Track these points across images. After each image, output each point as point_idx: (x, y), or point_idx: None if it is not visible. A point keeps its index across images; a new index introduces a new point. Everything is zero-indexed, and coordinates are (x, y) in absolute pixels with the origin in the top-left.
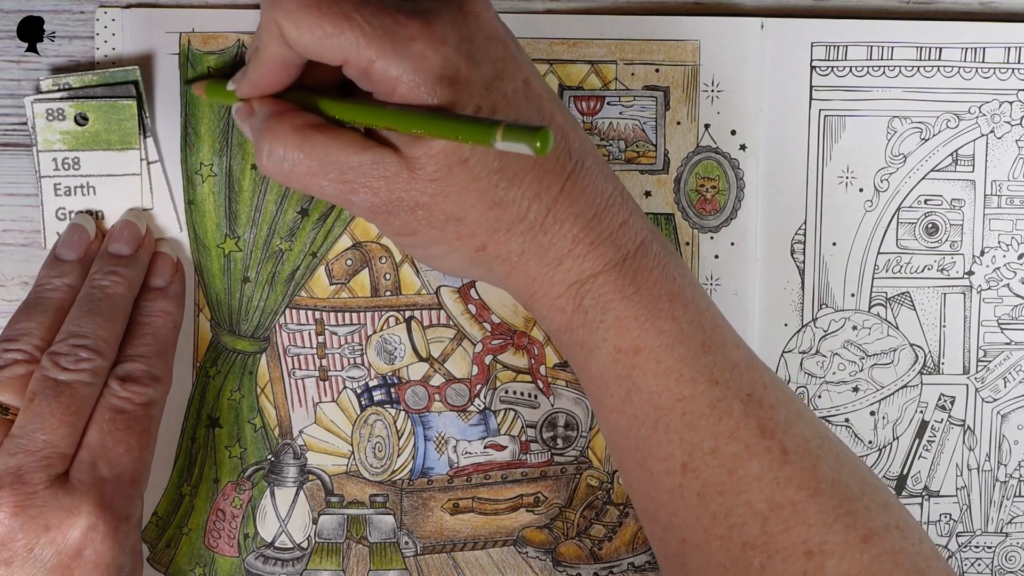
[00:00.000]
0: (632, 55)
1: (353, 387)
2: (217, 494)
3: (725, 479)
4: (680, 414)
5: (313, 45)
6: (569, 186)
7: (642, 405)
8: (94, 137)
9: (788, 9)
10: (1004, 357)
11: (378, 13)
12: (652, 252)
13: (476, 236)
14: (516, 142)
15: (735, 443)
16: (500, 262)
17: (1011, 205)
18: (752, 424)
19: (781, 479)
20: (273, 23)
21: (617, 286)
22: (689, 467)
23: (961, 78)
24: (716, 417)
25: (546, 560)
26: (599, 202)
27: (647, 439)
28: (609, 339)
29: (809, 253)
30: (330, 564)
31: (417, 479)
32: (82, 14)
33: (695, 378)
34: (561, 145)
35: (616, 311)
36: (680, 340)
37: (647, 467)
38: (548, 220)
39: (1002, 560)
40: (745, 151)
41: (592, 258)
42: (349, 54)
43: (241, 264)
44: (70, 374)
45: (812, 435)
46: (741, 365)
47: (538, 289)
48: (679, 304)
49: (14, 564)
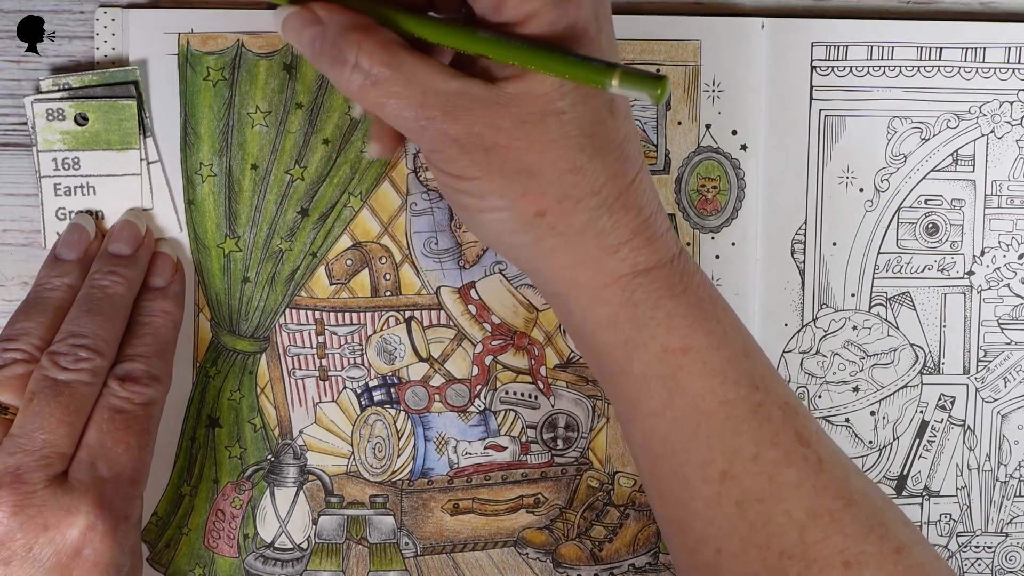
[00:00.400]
0: (632, 55)
1: (353, 387)
2: (217, 494)
3: (765, 486)
4: (724, 418)
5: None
6: (639, 179)
7: (684, 408)
8: (94, 137)
9: (788, 9)
10: (1004, 357)
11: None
12: (691, 257)
13: (543, 198)
14: (634, 88)
15: (776, 449)
16: (554, 234)
17: (1011, 205)
18: (791, 431)
19: (819, 487)
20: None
21: (668, 283)
22: (729, 474)
23: (961, 78)
24: (758, 422)
25: (546, 561)
26: (655, 204)
27: (686, 444)
28: (658, 336)
29: (809, 253)
30: (330, 565)
31: (417, 480)
32: (82, 14)
33: (739, 381)
34: (635, 142)
35: (667, 308)
36: (725, 342)
37: (683, 474)
38: (618, 204)
39: (1002, 560)
40: (746, 151)
41: (647, 252)
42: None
43: (241, 264)
44: (69, 374)
45: (837, 448)
46: (776, 374)
47: (581, 274)
48: (721, 308)
49: (13, 563)
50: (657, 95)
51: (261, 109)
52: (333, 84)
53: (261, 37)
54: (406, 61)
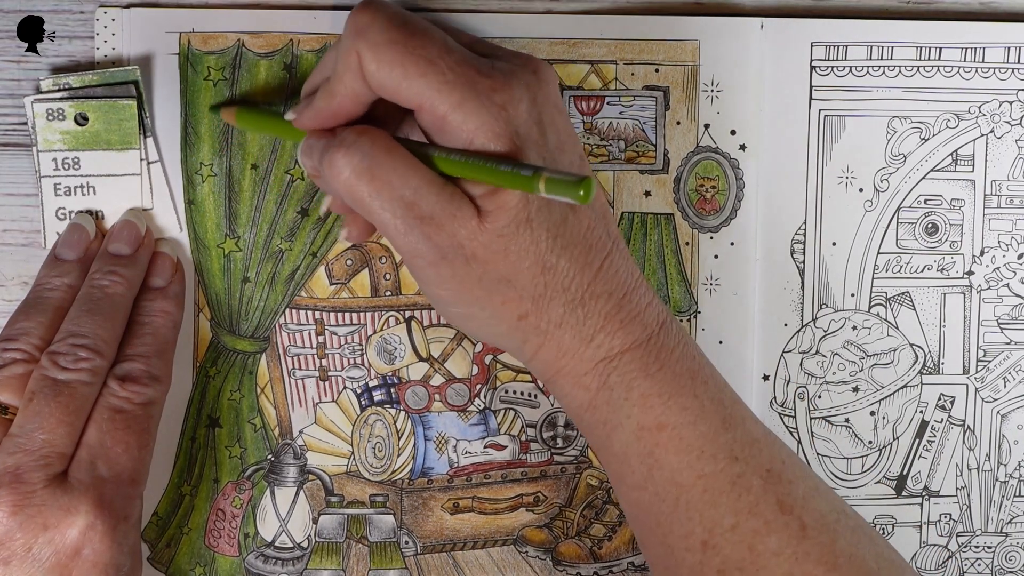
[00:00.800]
0: (632, 55)
1: (353, 387)
2: (217, 494)
3: (745, 555)
4: (701, 491)
5: (392, 84)
6: (607, 264)
7: (663, 482)
8: (94, 137)
9: (788, 9)
10: (1004, 357)
11: (461, 63)
12: (673, 332)
13: (522, 302)
14: (559, 193)
15: (755, 519)
16: (537, 333)
17: (1011, 205)
18: (771, 500)
19: (800, 554)
20: (353, 54)
21: (642, 364)
22: (709, 544)
23: (961, 78)
24: (736, 493)
25: (546, 559)
26: (629, 283)
27: (668, 516)
28: (633, 416)
29: (809, 253)
30: (330, 564)
31: (417, 479)
32: (82, 14)
33: (716, 455)
34: (601, 226)
35: (641, 388)
36: (702, 417)
37: (668, 543)
38: (587, 294)
39: (1002, 560)
40: (745, 151)
41: (621, 335)
42: (426, 99)
43: (241, 264)
44: (69, 373)
45: (829, 510)
46: (760, 441)
47: (566, 364)
48: (699, 382)
49: (12, 563)
50: (580, 197)
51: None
52: (324, 174)
53: (261, 37)
54: (404, 156)
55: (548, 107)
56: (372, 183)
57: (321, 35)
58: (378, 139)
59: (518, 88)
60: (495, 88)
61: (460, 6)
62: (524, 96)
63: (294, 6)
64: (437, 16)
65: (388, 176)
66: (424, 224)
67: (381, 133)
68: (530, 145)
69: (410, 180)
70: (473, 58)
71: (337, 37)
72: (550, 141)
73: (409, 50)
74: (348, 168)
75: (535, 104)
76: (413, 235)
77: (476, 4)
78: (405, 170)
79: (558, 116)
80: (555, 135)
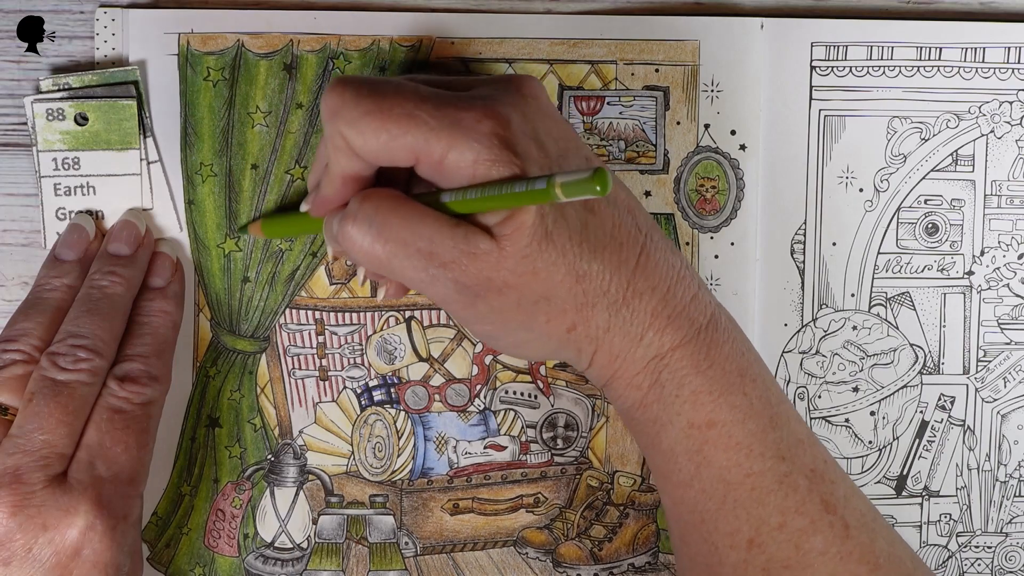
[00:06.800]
0: (632, 55)
1: (353, 387)
2: (217, 494)
3: (791, 554)
4: (749, 489)
5: (381, 150)
6: (643, 259)
7: (711, 480)
8: (94, 137)
9: (788, 9)
10: (1004, 357)
11: (440, 106)
12: (722, 326)
13: (566, 314)
14: (577, 191)
15: (801, 518)
16: (589, 341)
17: (1011, 205)
18: (816, 499)
19: (844, 554)
20: (338, 135)
21: (693, 360)
22: (755, 542)
23: (961, 78)
24: (783, 493)
25: (546, 561)
26: (671, 276)
27: (714, 513)
28: (683, 413)
29: (809, 253)
30: (330, 564)
31: (417, 479)
32: (82, 14)
33: (764, 453)
34: (628, 220)
35: (692, 385)
36: (751, 415)
37: (712, 541)
38: (629, 294)
39: (1002, 560)
40: (745, 151)
41: (670, 332)
42: (419, 151)
43: (241, 264)
44: (69, 374)
45: (867, 510)
46: (804, 441)
47: (620, 367)
48: (748, 379)
49: (12, 564)
50: (598, 191)
51: (261, 109)
52: (344, 248)
53: (261, 37)
54: (412, 210)
55: (540, 119)
56: (387, 244)
57: (321, 35)
58: (383, 200)
59: (503, 110)
60: (480, 118)
61: (460, 6)
62: (512, 116)
63: (294, 6)
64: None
65: (399, 234)
66: (448, 269)
67: (385, 192)
68: (531, 161)
69: (422, 231)
70: (452, 97)
71: (337, 38)
72: (551, 151)
73: (386, 113)
74: (360, 236)
75: (526, 120)
76: (441, 283)
77: (476, 4)
78: (415, 222)
79: (553, 125)
80: (555, 144)
